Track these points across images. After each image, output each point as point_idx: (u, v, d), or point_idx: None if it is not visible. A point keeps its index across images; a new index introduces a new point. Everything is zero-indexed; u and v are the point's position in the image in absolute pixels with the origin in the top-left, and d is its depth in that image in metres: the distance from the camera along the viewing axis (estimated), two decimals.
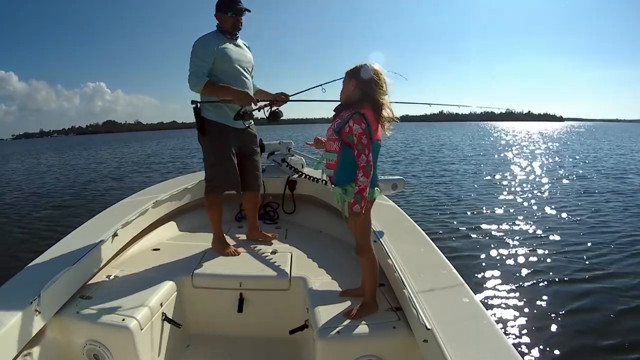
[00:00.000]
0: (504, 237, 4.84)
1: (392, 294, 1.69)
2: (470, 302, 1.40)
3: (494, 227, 5.32)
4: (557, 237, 4.83)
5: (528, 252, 4.30)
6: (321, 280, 1.91)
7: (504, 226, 5.37)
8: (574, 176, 10.17)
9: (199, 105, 2.22)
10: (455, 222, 5.56)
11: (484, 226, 5.34)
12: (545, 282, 3.52)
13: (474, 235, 4.92)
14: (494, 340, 1.20)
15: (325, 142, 1.68)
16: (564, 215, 5.96)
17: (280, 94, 2.42)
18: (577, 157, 15.72)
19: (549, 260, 4.06)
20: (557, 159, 15.37)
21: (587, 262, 3.99)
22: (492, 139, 32.11)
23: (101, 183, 10.61)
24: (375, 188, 1.61)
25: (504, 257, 4.13)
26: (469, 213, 6.12)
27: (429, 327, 1.24)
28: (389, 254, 1.77)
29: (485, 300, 3.13)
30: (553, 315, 2.96)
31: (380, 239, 1.91)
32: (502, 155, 17.07)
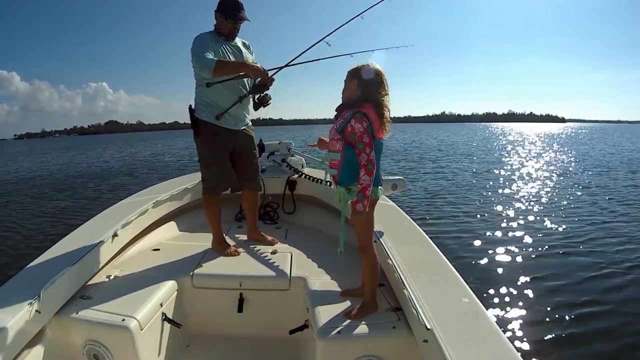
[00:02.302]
0: (504, 237, 4.83)
1: (392, 294, 1.69)
2: (470, 302, 1.40)
3: (494, 227, 5.31)
4: (557, 237, 4.83)
5: (528, 251, 4.30)
6: (321, 280, 1.91)
7: (504, 226, 5.37)
8: (572, 176, 10.22)
9: (192, 106, 2.23)
10: (455, 222, 5.55)
11: (484, 226, 5.34)
12: (545, 282, 3.52)
13: (474, 235, 4.91)
14: (494, 340, 1.20)
15: (328, 142, 1.69)
16: (564, 214, 5.96)
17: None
18: (576, 157, 15.85)
19: (548, 259, 4.06)
20: (557, 159, 15.43)
21: (587, 262, 3.98)
22: (493, 140, 32.15)
23: (103, 184, 10.62)
24: (379, 187, 1.61)
25: (504, 257, 4.13)
26: (469, 213, 6.11)
27: (429, 327, 1.24)
28: (389, 254, 1.77)
29: (485, 300, 3.12)
30: (553, 315, 2.95)
31: (380, 239, 1.91)
32: (502, 156, 17.09)
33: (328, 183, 2.68)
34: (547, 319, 2.89)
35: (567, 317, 2.92)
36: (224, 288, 1.95)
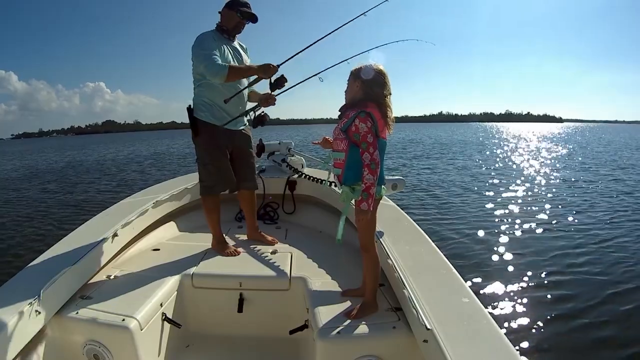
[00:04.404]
0: (504, 237, 4.83)
1: (392, 294, 1.69)
2: (470, 302, 1.40)
3: (494, 226, 5.32)
4: (557, 236, 4.84)
5: (528, 251, 4.30)
6: (321, 280, 1.91)
7: (504, 226, 5.37)
8: (571, 176, 10.26)
9: (191, 105, 2.23)
10: (455, 222, 5.55)
11: (484, 226, 5.34)
12: (546, 281, 3.52)
13: (473, 235, 4.91)
14: (494, 340, 1.20)
15: (332, 141, 1.69)
16: (563, 213, 5.97)
17: (268, 94, 2.29)
18: (573, 157, 15.98)
19: (548, 259, 4.06)
20: (554, 159, 15.50)
21: (588, 260, 3.98)
22: (491, 139, 32.28)
23: (105, 182, 10.61)
24: (382, 186, 1.61)
25: (504, 257, 4.13)
26: (469, 213, 6.11)
27: (429, 327, 1.24)
28: (389, 254, 1.77)
29: (485, 300, 3.12)
30: (553, 314, 2.95)
31: (380, 239, 1.91)
32: (500, 155, 17.13)
33: (331, 183, 2.67)
34: (547, 319, 2.89)
35: (567, 317, 2.93)
36: (224, 288, 1.95)
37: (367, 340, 1.45)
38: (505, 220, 5.69)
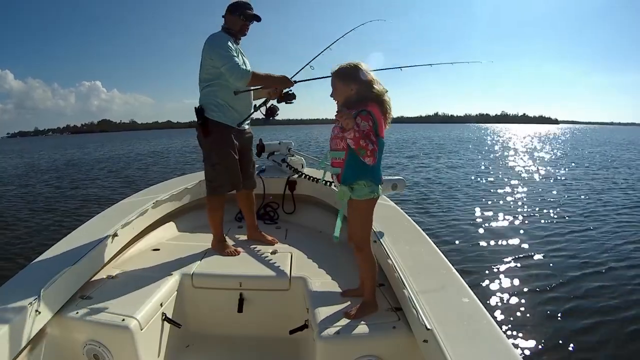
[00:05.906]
0: (504, 237, 4.83)
1: (392, 294, 1.69)
2: (470, 302, 1.41)
3: (494, 227, 5.33)
4: (557, 236, 4.84)
5: (528, 251, 4.31)
6: (321, 280, 1.91)
7: (504, 226, 5.38)
8: (568, 177, 10.28)
9: (201, 106, 2.22)
10: (455, 222, 5.56)
11: (483, 226, 5.35)
12: (545, 282, 3.52)
13: (473, 235, 4.92)
14: (494, 340, 1.20)
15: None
16: (563, 213, 5.97)
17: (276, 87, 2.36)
18: (569, 159, 16.06)
19: (548, 259, 4.07)
20: (551, 160, 15.57)
21: (586, 261, 3.99)
22: (489, 141, 32.37)
23: (105, 180, 10.60)
24: (379, 185, 1.60)
25: (504, 257, 4.13)
26: (468, 213, 6.12)
27: (429, 327, 1.24)
28: (389, 254, 1.77)
29: (485, 300, 3.13)
30: (553, 314, 2.96)
31: (380, 239, 1.91)
32: (498, 156, 17.16)
33: (327, 182, 2.67)
34: (547, 319, 2.90)
35: (566, 317, 2.93)
36: (224, 288, 1.96)
37: (367, 340, 1.45)
38: (505, 220, 5.69)
